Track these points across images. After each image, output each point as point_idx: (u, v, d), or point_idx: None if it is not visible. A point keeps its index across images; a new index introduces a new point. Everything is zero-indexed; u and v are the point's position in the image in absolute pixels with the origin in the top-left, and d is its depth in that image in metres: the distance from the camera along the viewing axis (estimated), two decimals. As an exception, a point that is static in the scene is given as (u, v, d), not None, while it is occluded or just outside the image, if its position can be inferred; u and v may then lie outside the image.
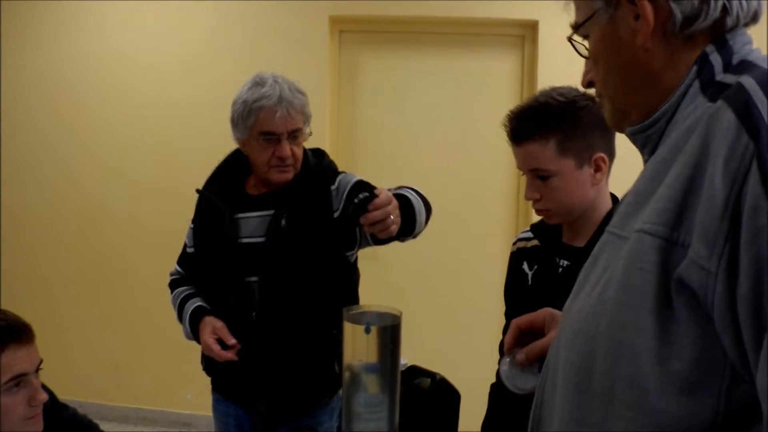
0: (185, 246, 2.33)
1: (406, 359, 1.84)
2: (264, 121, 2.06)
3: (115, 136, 4.09)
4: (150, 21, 4.03)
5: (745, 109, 0.74)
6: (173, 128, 4.05)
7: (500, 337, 1.87)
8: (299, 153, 2.14)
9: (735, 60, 0.89)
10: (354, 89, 4.10)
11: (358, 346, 1.42)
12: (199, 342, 2.14)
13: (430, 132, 4.09)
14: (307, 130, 2.16)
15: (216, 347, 2.05)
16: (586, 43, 1.02)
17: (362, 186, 2.10)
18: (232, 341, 2.06)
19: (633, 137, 1.00)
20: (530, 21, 3.90)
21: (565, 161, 1.61)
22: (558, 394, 0.94)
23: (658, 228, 0.79)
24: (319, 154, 2.29)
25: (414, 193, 2.06)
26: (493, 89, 4.04)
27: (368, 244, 2.16)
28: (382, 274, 4.03)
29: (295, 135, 2.10)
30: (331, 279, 2.15)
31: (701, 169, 0.76)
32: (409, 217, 1.96)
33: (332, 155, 3.92)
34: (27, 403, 1.64)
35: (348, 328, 1.40)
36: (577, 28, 1.01)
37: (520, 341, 1.28)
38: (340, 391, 1.77)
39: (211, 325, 2.10)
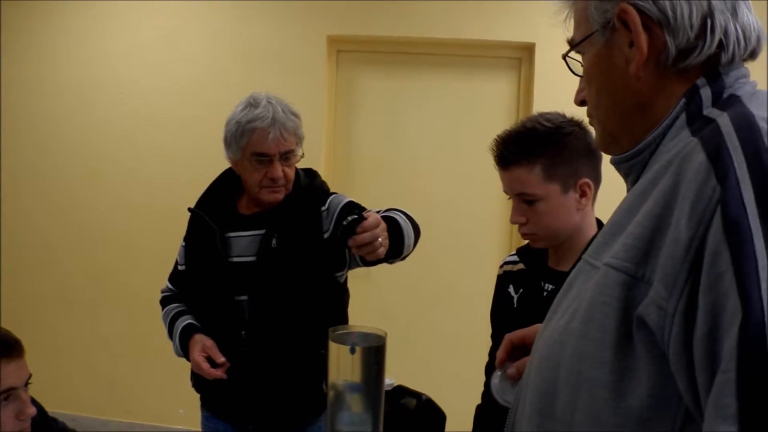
0: (177, 263, 2.35)
1: (392, 379, 1.86)
2: (257, 142, 2.08)
3: (115, 156, 4.12)
4: (149, 42, 4.06)
5: (716, 152, 0.74)
6: (172, 148, 4.07)
7: (487, 359, 1.89)
8: (291, 174, 2.16)
9: (725, 94, 0.88)
10: (351, 109, 4.13)
11: (342, 366, 1.44)
12: (188, 359, 2.15)
13: (426, 153, 4.11)
14: (300, 152, 2.18)
15: (205, 365, 2.06)
16: (581, 59, 1.02)
17: (352, 207, 2.12)
18: (221, 359, 2.07)
19: (617, 166, 1.00)
20: (527, 44, 3.93)
21: (551, 186, 1.63)
22: (525, 416, 0.95)
23: (624, 263, 0.80)
24: (311, 174, 2.31)
25: (403, 216, 2.07)
26: (490, 110, 4.07)
27: (357, 265, 2.17)
28: (374, 294, 4.05)
29: (287, 156, 2.12)
30: (320, 299, 2.16)
31: (670, 208, 0.76)
32: (398, 240, 1.97)
33: (328, 175, 3.98)
34: (15, 417, 1.65)
35: (333, 348, 1.42)
36: (573, 46, 1.01)
37: (512, 356, 1.29)
38: None
39: (201, 342, 2.11)
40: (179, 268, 2.33)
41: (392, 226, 1.93)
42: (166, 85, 4.05)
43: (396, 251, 1.97)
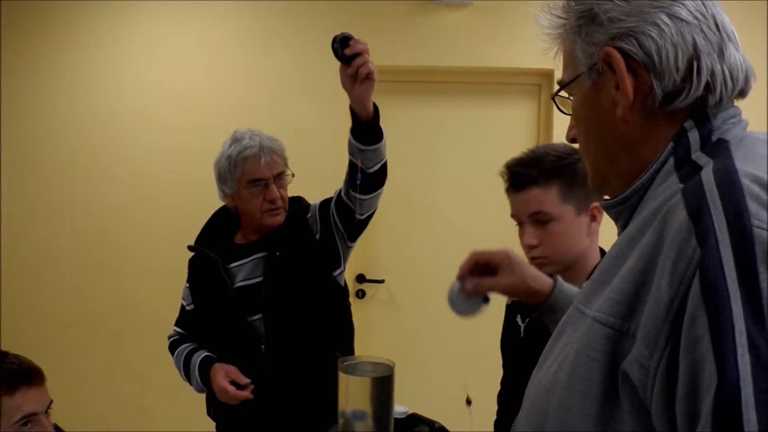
0: (182, 307, 2.45)
1: (406, 407, 1.88)
2: (251, 169, 2.23)
3: (139, 188, 4.17)
4: (167, 75, 4.13)
5: (698, 211, 0.73)
6: (193, 178, 4.11)
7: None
8: (286, 195, 2.30)
9: (714, 137, 0.87)
10: (373, 138, 4.17)
11: (351, 395, 1.48)
12: (210, 391, 2.22)
13: (446, 180, 4.14)
14: (289, 173, 2.32)
15: (231, 388, 2.15)
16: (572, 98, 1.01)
17: (329, 200, 2.34)
18: (246, 381, 2.16)
19: (607, 210, 1.00)
20: (546, 70, 3.95)
21: (566, 207, 1.65)
22: None
23: (609, 318, 0.80)
24: (297, 199, 2.43)
25: None
26: (510, 137, 4.09)
27: (348, 247, 2.33)
28: (391, 322, 4.08)
29: (280, 177, 2.27)
30: (328, 305, 2.29)
31: (654, 264, 0.76)
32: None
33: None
34: None
35: (342, 378, 1.46)
36: (561, 87, 1.01)
37: (475, 272, 1.40)
38: None
39: (223, 369, 2.20)
40: (187, 308, 2.42)
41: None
42: (186, 116, 4.11)
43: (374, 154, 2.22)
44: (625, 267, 0.81)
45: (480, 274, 1.39)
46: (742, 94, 0.92)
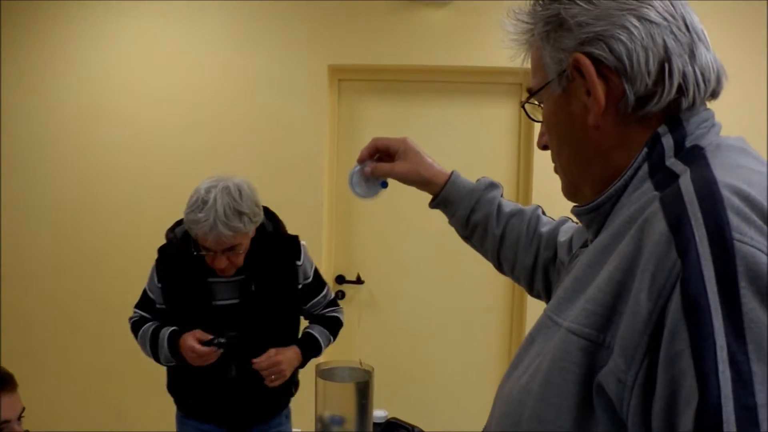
0: (146, 295, 2.51)
1: (386, 411, 1.87)
2: (199, 238, 2.23)
3: (120, 184, 4.13)
4: (154, 72, 4.09)
5: (677, 223, 0.71)
6: (175, 176, 4.09)
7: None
8: (238, 260, 2.31)
9: (688, 142, 0.86)
10: (353, 137, 4.15)
11: (329, 400, 1.45)
12: (179, 360, 2.33)
13: (428, 179, 4.11)
14: (250, 236, 2.32)
15: (199, 346, 2.25)
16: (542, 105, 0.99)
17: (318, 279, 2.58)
18: (210, 337, 2.27)
19: (578, 217, 0.98)
20: (527, 69, 3.93)
21: None
22: None
23: (584, 329, 0.78)
24: (272, 218, 2.48)
25: (327, 329, 2.53)
26: (492, 136, 4.08)
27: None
28: (378, 322, 4.05)
29: (231, 250, 2.26)
30: (291, 327, 2.49)
31: (631, 275, 0.74)
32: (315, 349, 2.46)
33: (331, 203, 4.01)
34: None
35: (320, 383, 1.44)
36: (531, 95, 0.99)
37: (375, 157, 1.50)
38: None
39: (191, 334, 2.30)
40: (157, 306, 2.47)
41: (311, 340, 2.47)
42: (168, 113, 4.08)
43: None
44: (601, 277, 0.79)
45: (380, 160, 1.49)
46: (714, 95, 0.90)
